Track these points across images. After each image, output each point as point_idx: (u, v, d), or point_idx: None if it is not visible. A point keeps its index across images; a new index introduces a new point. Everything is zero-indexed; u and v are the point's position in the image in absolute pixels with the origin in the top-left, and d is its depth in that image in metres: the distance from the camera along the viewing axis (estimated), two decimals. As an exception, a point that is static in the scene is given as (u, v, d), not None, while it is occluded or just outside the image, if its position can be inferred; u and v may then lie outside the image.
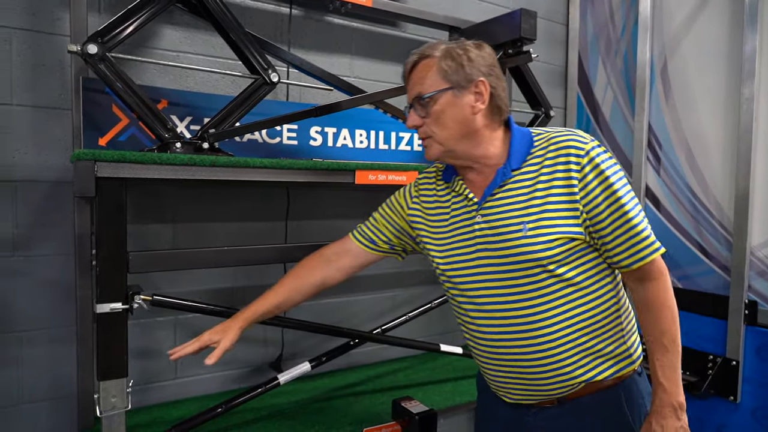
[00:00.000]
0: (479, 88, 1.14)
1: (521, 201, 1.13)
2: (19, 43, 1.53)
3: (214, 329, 1.30)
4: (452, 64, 1.14)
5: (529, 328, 1.13)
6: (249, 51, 1.53)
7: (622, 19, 2.56)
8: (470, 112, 1.15)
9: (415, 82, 1.19)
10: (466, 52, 1.16)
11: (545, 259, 1.09)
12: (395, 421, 1.66)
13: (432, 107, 1.15)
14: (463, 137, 1.16)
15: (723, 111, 2.19)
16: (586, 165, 1.08)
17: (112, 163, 1.19)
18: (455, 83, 1.14)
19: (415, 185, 1.37)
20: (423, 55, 1.19)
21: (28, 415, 1.60)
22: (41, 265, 1.60)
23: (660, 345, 1.12)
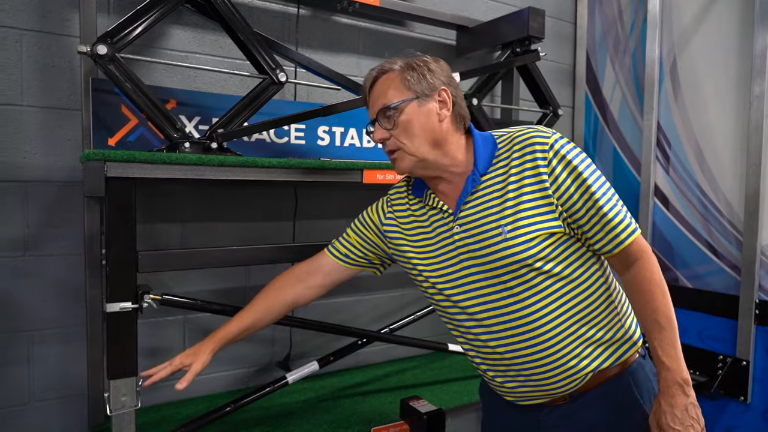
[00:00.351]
0: (442, 96, 1.16)
1: (495, 205, 1.13)
2: (29, 45, 1.55)
3: (186, 352, 1.30)
4: (414, 74, 1.16)
5: (527, 329, 1.13)
6: (257, 51, 1.53)
7: (631, 17, 2.54)
8: (436, 119, 1.16)
9: (378, 96, 1.19)
10: (426, 63, 1.19)
11: (529, 258, 1.09)
12: (403, 421, 1.66)
13: (399, 117, 1.15)
14: (432, 146, 1.16)
15: (733, 109, 2.17)
16: (552, 158, 1.09)
17: (121, 163, 1.20)
18: (419, 92, 1.15)
19: (387, 201, 1.35)
20: (383, 70, 1.21)
21: (38, 413, 1.61)
22: (51, 264, 1.61)
23: (655, 323, 1.12)
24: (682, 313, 2.29)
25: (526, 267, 1.10)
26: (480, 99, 1.91)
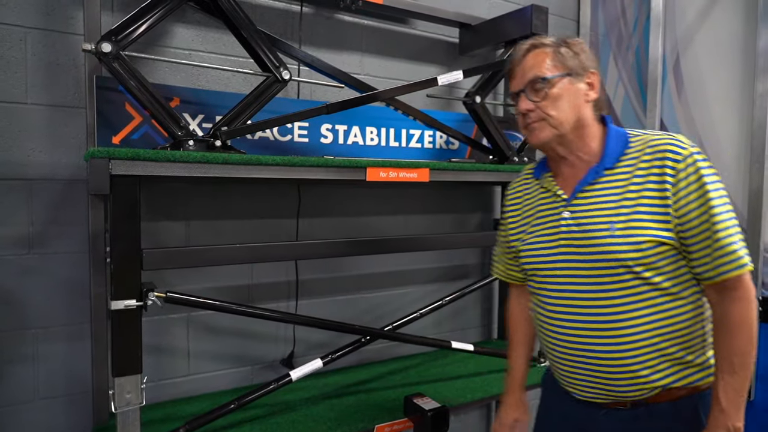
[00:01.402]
0: (591, 78, 1.17)
1: (612, 201, 1.13)
2: (33, 43, 1.55)
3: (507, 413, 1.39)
4: (569, 51, 1.16)
5: (609, 327, 1.12)
6: (260, 49, 1.53)
7: (634, 15, 2.54)
8: (584, 100, 1.17)
9: (530, 67, 1.17)
10: (579, 44, 1.18)
11: (631, 260, 1.09)
12: (407, 418, 1.66)
13: (549, 90, 1.15)
14: (574, 124, 1.17)
15: (737, 107, 2.17)
16: (681, 171, 1.07)
17: (126, 161, 1.20)
18: (572, 70, 1.15)
19: (508, 191, 1.40)
20: (536, 44, 1.19)
21: (43, 410, 1.62)
22: (56, 262, 1.61)
23: (729, 364, 1.08)
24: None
25: (625, 269, 1.10)
26: (483, 97, 1.91)
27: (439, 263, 2.35)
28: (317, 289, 2.06)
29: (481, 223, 2.45)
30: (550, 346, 1.23)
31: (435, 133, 2.17)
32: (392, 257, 2.21)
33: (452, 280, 2.36)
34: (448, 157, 2.16)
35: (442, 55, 2.30)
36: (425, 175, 1.64)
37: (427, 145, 2.16)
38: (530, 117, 1.18)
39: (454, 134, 1.97)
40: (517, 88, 1.20)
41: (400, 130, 2.09)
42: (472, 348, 1.94)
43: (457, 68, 1.86)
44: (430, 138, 2.16)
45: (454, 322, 2.41)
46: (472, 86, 1.94)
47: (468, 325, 2.46)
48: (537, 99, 1.16)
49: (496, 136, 1.94)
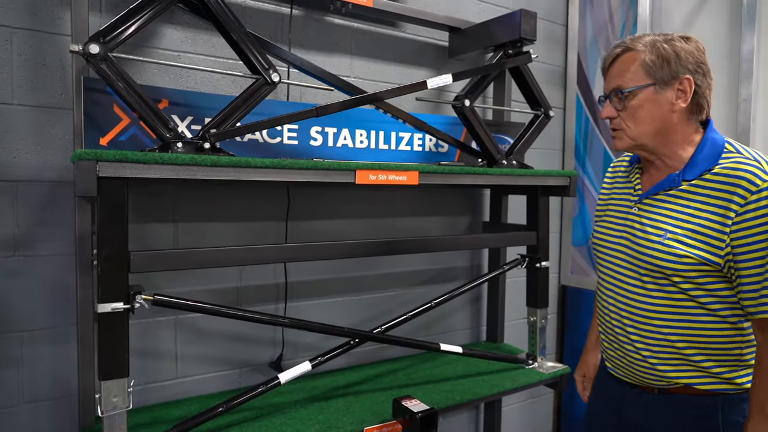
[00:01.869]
0: (683, 85, 1.14)
1: (676, 212, 1.16)
2: (19, 43, 1.53)
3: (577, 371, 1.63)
4: (657, 59, 1.13)
5: (641, 321, 1.21)
6: (250, 51, 1.53)
7: (622, 20, 2.57)
8: (669, 109, 1.15)
9: (615, 74, 1.18)
10: (673, 46, 1.13)
11: (670, 270, 1.14)
12: (396, 420, 1.66)
13: (630, 101, 1.16)
14: (655, 134, 1.17)
15: (721, 112, 2.20)
16: (752, 201, 1.07)
17: (113, 162, 1.20)
18: (658, 79, 1.13)
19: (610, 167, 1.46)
20: (627, 47, 1.18)
21: (28, 415, 1.60)
22: (42, 265, 1.60)
23: (760, 405, 1.10)
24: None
25: (664, 277, 1.16)
26: (472, 100, 1.92)
27: (427, 265, 2.36)
28: (306, 291, 2.05)
29: (470, 225, 2.46)
30: (600, 320, 1.37)
31: (424, 136, 2.18)
32: (381, 260, 2.21)
33: (441, 283, 2.37)
34: (437, 160, 2.17)
35: (431, 59, 2.31)
36: (414, 178, 1.64)
37: (417, 148, 2.17)
38: (612, 123, 1.23)
39: (444, 137, 1.98)
40: (604, 93, 1.23)
41: (390, 132, 2.09)
42: (460, 350, 1.95)
43: (447, 71, 1.87)
44: (420, 141, 2.17)
45: (443, 324, 2.42)
46: (462, 89, 1.95)
47: (456, 327, 2.47)
48: (619, 108, 1.18)
49: (485, 140, 1.95)
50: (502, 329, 2.45)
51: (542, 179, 2.00)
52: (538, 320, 2.12)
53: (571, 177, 2.04)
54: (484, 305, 2.52)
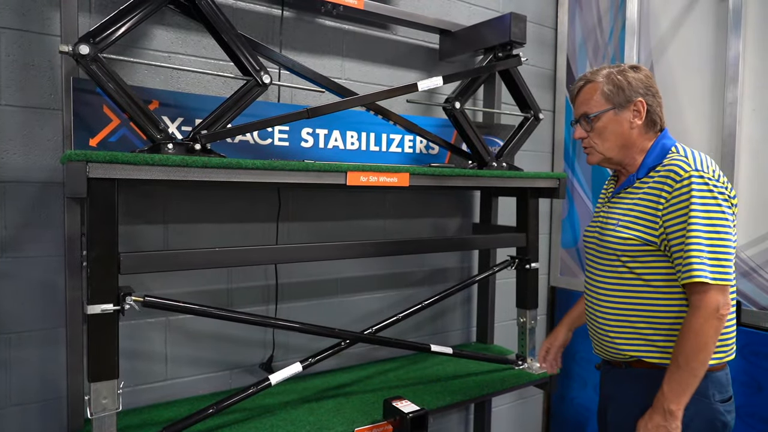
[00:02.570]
0: (637, 106, 1.40)
1: (627, 205, 1.41)
2: (8, 43, 1.52)
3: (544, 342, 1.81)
4: (613, 87, 1.40)
5: (602, 301, 1.46)
6: (241, 52, 1.53)
7: (610, 24, 2.59)
8: (628, 127, 1.41)
9: (582, 103, 1.46)
10: (625, 76, 1.40)
11: (619, 251, 1.40)
12: (386, 421, 1.66)
13: (595, 124, 1.43)
14: (619, 148, 1.44)
15: (708, 115, 2.23)
16: (678, 188, 1.30)
17: (104, 164, 1.20)
18: (616, 104, 1.40)
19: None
20: (588, 80, 1.46)
21: (16, 417, 1.59)
22: (30, 266, 1.58)
23: (675, 361, 1.29)
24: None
25: (615, 257, 1.41)
26: (462, 102, 1.93)
27: (418, 267, 2.37)
28: (297, 292, 2.06)
29: (460, 227, 2.47)
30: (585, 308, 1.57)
31: (415, 138, 2.19)
32: (372, 261, 2.22)
33: (431, 284, 2.38)
34: (428, 162, 2.18)
35: (422, 61, 2.32)
36: (405, 180, 1.65)
37: (408, 150, 2.18)
38: (584, 143, 1.50)
39: (434, 139, 1.99)
40: (574, 118, 1.51)
41: (381, 134, 2.10)
42: (451, 351, 1.96)
43: (437, 74, 1.88)
44: (411, 143, 2.18)
45: (434, 325, 2.43)
46: (452, 92, 1.96)
47: (447, 328, 2.48)
48: (587, 129, 1.46)
49: (476, 142, 1.97)
50: (492, 330, 2.46)
51: (532, 181, 2.02)
52: (527, 321, 2.14)
53: (560, 179, 2.06)
54: (474, 306, 2.53)
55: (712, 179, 1.29)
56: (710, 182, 1.28)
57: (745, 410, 2.10)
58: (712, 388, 1.34)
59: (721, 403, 1.35)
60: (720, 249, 1.27)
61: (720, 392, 1.35)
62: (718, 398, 1.35)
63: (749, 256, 2.11)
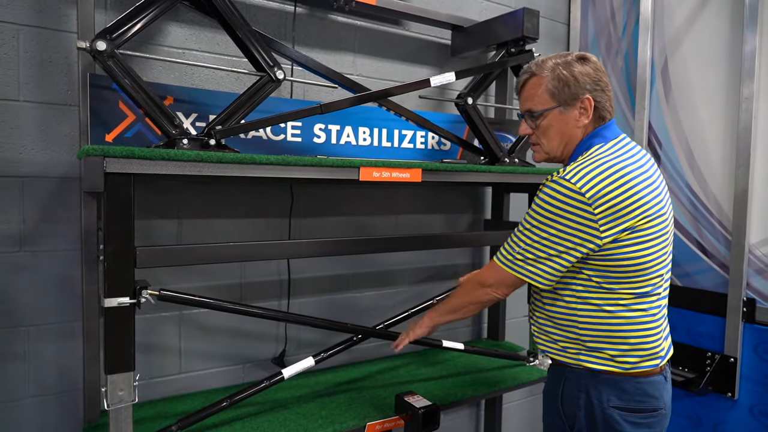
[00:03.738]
0: (584, 104, 1.30)
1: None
2: (26, 40, 1.55)
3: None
4: (558, 83, 1.30)
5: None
6: (255, 48, 1.54)
7: (623, 19, 2.57)
8: (574, 125, 1.32)
9: (526, 98, 1.37)
10: (571, 71, 1.29)
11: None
12: (398, 416, 1.67)
13: (540, 122, 1.34)
14: (564, 146, 1.36)
15: (723, 110, 2.21)
16: (540, 186, 1.29)
17: (121, 159, 1.21)
18: (562, 101, 1.31)
19: None
20: (533, 73, 1.35)
21: (34, 408, 1.62)
22: (48, 260, 1.61)
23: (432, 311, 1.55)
24: (672, 311, 2.32)
25: None
26: (475, 98, 1.93)
27: (429, 263, 2.37)
28: (309, 288, 2.07)
29: (471, 223, 2.47)
30: None
31: (427, 134, 2.19)
32: (383, 257, 2.23)
33: (442, 280, 2.38)
34: (440, 158, 2.18)
35: (434, 57, 2.31)
36: (417, 176, 1.65)
37: (419, 145, 2.18)
38: (530, 139, 1.42)
39: (446, 135, 1.99)
40: (519, 112, 1.43)
41: (393, 130, 2.10)
42: (462, 347, 1.97)
43: (449, 70, 1.88)
44: (422, 139, 2.18)
45: (445, 321, 2.43)
46: (464, 88, 1.96)
47: (458, 324, 2.48)
48: (532, 126, 1.38)
49: (488, 138, 1.96)
50: (503, 327, 2.46)
51: (544, 177, 2.01)
52: (539, 317, 2.13)
53: (572, 175, 2.05)
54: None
55: (575, 193, 1.19)
56: (569, 191, 1.20)
57: (759, 409, 2.09)
58: (606, 392, 1.27)
59: (618, 410, 1.27)
60: (531, 243, 1.26)
61: (621, 399, 1.27)
62: (614, 404, 1.27)
63: (764, 253, 2.09)
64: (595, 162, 1.23)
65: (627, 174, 1.22)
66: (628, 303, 1.27)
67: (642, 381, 1.29)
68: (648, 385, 1.29)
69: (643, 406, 1.28)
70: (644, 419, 1.28)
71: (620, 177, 1.21)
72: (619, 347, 1.27)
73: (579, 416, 1.30)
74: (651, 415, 1.29)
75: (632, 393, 1.28)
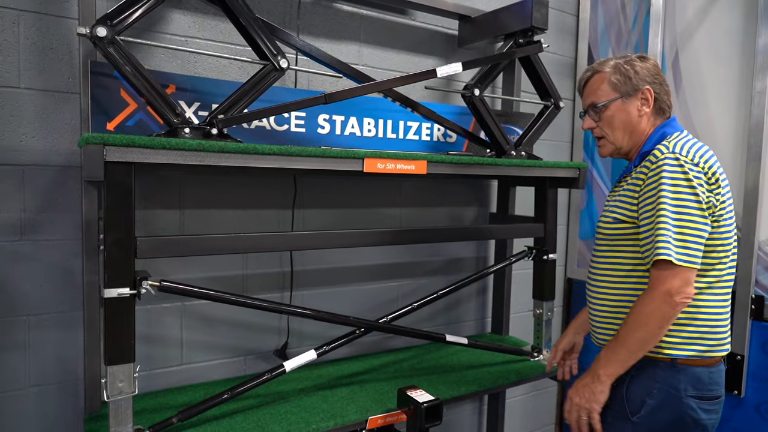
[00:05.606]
0: (645, 94, 1.42)
1: (622, 191, 1.42)
2: (26, 26, 1.52)
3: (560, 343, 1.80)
4: (621, 77, 1.42)
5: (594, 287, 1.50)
6: (258, 36, 1.51)
7: (634, 11, 2.53)
8: (637, 114, 1.43)
9: (590, 93, 1.48)
10: (632, 66, 1.42)
11: (604, 229, 1.45)
12: (400, 410, 1.66)
13: (604, 113, 1.45)
14: (629, 137, 1.44)
15: (734, 105, 2.17)
16: (652, 170, 1.31)
17: (121, 147, 1.19)
18: (624, 92, 1.42)
19: None
20: (595, 70, 1.47)
21: (34, 398, 1.61)
22: (48, 249, 1.59)
23: (618, 332, 1.36)
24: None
25: (605, 243, 1.45)
26: (482, 90, 1.90)
27: (433, 256, 2.35)
28: (312, 280, 2.05)
29: (476, 217, 2.44)
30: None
31: (432, 125, 2.16)
32: (387, 250, 2.20)
33: (447, 274, 2.36)
34: (445, 150, 2.15)
35: (440, 47, 2.28)
36: (423, 168, 1.63)
37: (425, 137, 2.15)
38: (594, 133, 1.51)
39: (452, 127, 1.96)
40: (583, 109, 1.52)
41: (398, 122, 2.07)
42: (466, 341, 1.95)
43: (456, 61, 1.85)
44: (428, 130, 2.15)
45: (448, 315, 2.41)
46: (471, 79, 1.93)
47: (462, 318, 2.47)
48: (596, 119, 1.47)
49: (494, 130, 1.93)
50: (507, 321, 2.44)
51: (551, 171, 1.99)
52: (544, 313, 2.11)
53: (580, 169, 2.02)
54: (490, 297, 2.51)
55: (689, 162, 1.27)
56: (686, 165, 1.27)
57: (766, 407, 2.07)
58: (684, 382, 1.33)
59: (695, 399, 1.33)
60: (688, 231, 1.26)
61: (696, 388, 1.34)
62: (691, 393, 1.33)
63: (774, 250, 2.06)
64: (687, 140, 1.34)
65: (710, 151, 1.34)
66: (711, 286, 1.34)
67: (713, 370, 1.36)
68: (717, 374, 1.37)
69: (713, 393, 1.36)
70: (713, 405, 1.36)
71: (708, 151, 1.33)
72: (699, 330, 1.33)
73: (648, 404, 1.34)
74: (718, 401, 1.37)
75: (706, 382, 1.34)
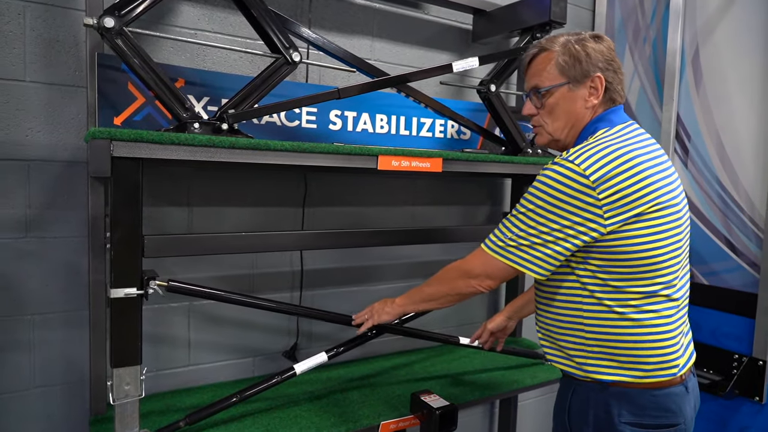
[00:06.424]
0: (595, 83, 1.21)
1: None
2: (32, 17, 1.48)
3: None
4: (569, 59, 1.21)
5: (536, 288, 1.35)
6: (270, 29, 1.47)
7: (652, 5, 2.46)
8: (582, 105, 1.23)
9: (533, 74, 1.27)
10: (584, 47, 1.21)
11: None
12: (414, 415, 1.61)
13: (547, 99, 1.24)
14: (570, 128, 1.25)
15: (758, 101, 2.10)
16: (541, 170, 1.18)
17: (128, 142, 1.14)
18: (572, 78, 1.21)
19: None
20: (543, 47, 1.25)
21: (40, 399, 1.57)
22: (54, 246, 1.56)
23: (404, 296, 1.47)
24: (697, 311, 2.24)
25: None
26: (498, 86, 1.85)
27: (446, 256, 2.29)
28: (322, 280, 2.00)
29: (489, 215, 2.39)
30: None
31: (446, 122, 2.10)
32: (399, 249, 2.16)
33: (459, 274, 2.31)
34: (459, 147, 2.10)
35: (454, 42, 2.23)
36: (438, 165, 1.58)
37: (438, 134, 2.10)
38: (533, 120, 1.31)
39: (467, 123, 1.91)
40: (525, 92, 1.32)
41: (411, 118, 2.02)
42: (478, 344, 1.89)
43: (470, 56, 1.80)
44: (441, 127, 2.10)
45: (460, 317, 2.36)
46: (486, 74, 1.87)
47: (474, 320, 2.41)
48: (538, 105, 1.27)
49: (510, 127, 1.88)
50: (520, 324, 2.39)
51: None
52: (559, 315, 2.05)
53: (598, 167, 1.96)
54: (502, 298, 2.45)
55: (579, 175, 1.09)
56: (572, 173, 1.09)
57: (789, 414, 2.01)
58: (616, 406, 1.16)
59: (632, 426, 1.15)
60: (522, 234, 1.15)
61: (634, 414, 1.16)
62: (627, 419, 1.15)
63: (799, 252, 1.99)
64: (601, 144, 1.13)
65: (635, 158, 1.11)
66: (638, 303, 1.14)
67: (657, 393, 1.16)
68: (664, 397, 1.16)
69: (659, 422, 1.16)
70: None
71: (628, 161, 1.10)
72: (629, 353, 1.16)
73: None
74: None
75: (646, 407, 1.16)
